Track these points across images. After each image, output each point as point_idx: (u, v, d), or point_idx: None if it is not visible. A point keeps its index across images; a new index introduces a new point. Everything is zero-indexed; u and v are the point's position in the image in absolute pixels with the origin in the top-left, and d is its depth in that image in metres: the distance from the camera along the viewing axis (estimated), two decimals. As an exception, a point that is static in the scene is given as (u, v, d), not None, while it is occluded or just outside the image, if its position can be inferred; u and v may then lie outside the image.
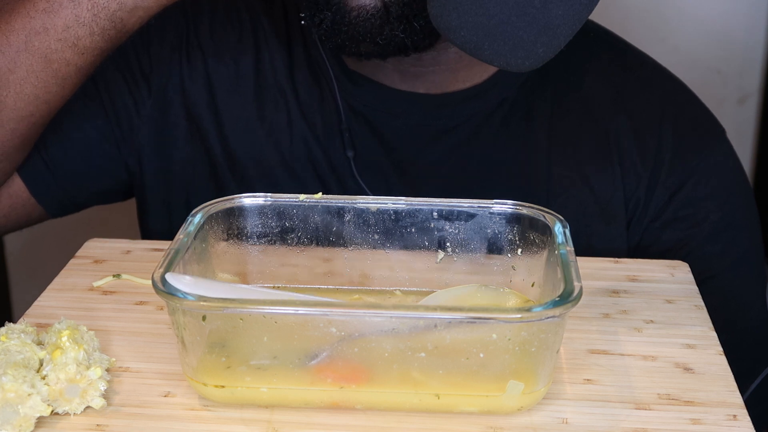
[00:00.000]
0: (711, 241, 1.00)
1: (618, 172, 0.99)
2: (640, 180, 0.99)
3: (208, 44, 1.04)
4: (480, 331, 0.66)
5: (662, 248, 1.00)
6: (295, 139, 1.02)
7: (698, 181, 1.00)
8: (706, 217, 1.00)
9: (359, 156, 1.00)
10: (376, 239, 0.80)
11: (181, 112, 1.03)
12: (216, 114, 1.03)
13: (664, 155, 0.99)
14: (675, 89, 1.05)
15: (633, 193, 0.99)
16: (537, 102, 1.01)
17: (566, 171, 1.00)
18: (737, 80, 1.76)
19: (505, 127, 1.00)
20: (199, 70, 1.04)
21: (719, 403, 0.70)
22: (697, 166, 1.00)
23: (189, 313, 0.67)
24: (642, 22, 1.73)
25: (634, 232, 1.00)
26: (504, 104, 1.00)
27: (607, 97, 1.01)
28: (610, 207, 0.99)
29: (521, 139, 1.00)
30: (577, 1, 0.77)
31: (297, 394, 0.68)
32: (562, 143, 1.00)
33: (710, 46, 1.75)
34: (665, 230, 1.00)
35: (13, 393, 0.64)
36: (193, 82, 1.04)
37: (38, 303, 0.81)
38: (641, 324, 0.79)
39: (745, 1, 1.73)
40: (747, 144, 1.81)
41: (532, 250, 0.77)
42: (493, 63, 0.80)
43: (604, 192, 0.99)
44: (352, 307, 0.72)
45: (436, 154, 1.00)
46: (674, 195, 0.99)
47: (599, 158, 1.00)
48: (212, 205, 0.78)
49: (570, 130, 1.00)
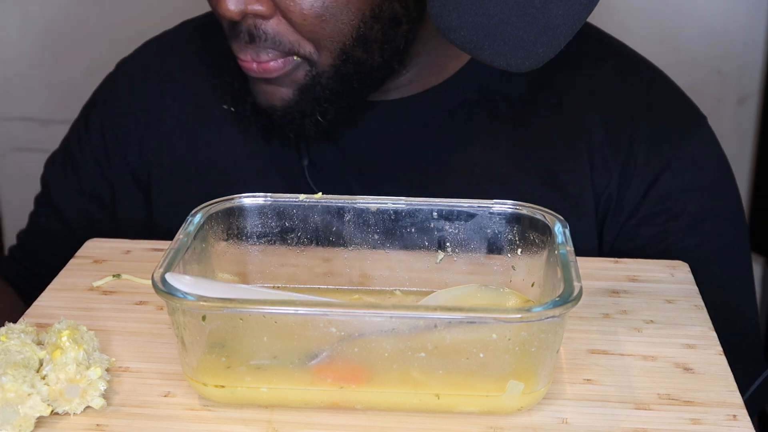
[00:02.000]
0: (690, 233, 0.98)
1: (587, 168, 0.98)
2: (612, 175, 0.97)
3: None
4: (480, 331, 0.66)
5: (641, 243, 0.98)
6: (248, 150, 1.02)
7: (674, 173, 0.98)
8: (683, 210, 0.98)
9: (315, 165, 0.99)
10: (376, 239, 0.79)
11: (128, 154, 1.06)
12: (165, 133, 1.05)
13: (638, 148, 0.98)
14: (650, 78, 1.03)
15: (604, 189, 0.98)
16: (501, 101, 0.99)
17: (531, 169, 0.98)
18: (737, 80, 1.76)
19: (468, 128, 0.99)
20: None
21: (719, 403, 0.70)
22: (673, 157, 0.98)
23: (189, 313, 0.67)
24: (642, 22, 1.73)
25: (610, 230, 0.99)
26: (465, 105, 0.99)
27: (577, 91, 1.00)
28: (580, 204, 0.98)
29: (484, 140, 0.99)
30: (577, 1, 0.77)
31: (297, 394, 0.68)
32: (528, 141, 0.99)
33: (710, 46, 1.74)
34: (642, 226, 0.98)
35: (13, 393, 0.64)
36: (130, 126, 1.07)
37: (38, 303, 0.81)
38: (641, 324, 0.79)
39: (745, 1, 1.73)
40: (747, 144, 1.81)
41: (532, 250, 0.77)
42: (493, 63, 0.80)
43: (573, 189, 0.98)
44: (352, 307, 0.72)
45: (397, 159, 0.99)
46: (650, 189, 0.98)
47: (568, 154, 0.98)
48: (212, 205, 0.78)
49: (537, 127, 0.99)
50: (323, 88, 0.92)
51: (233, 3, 0.86)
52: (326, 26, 0.88)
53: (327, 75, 0.91)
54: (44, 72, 1.82)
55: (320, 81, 0.92)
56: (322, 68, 0.91)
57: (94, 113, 1.08)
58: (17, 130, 1.86)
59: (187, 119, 1.05)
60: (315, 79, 0.91)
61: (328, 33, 0.88)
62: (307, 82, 0.92)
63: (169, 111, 1.05)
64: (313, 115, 0.93)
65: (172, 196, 1.04)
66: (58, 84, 1.82)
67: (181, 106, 1.05)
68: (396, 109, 0.99)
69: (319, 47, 0.90)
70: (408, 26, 0.92)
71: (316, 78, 0.91)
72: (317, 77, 0.91)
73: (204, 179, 1.03)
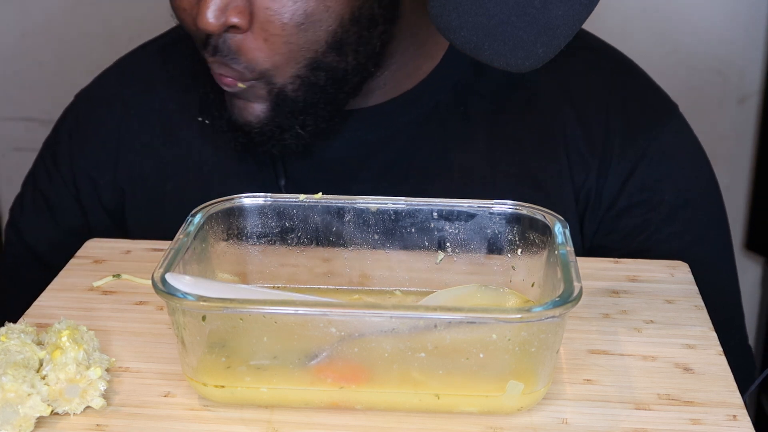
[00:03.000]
0: (669, 222, 0.98)
1: (565, 164, 0.98)
2: (590, 170, 0.98)
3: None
4: (480, 331, 0.66)
5: (621, 235, 0.98)
6: (221, 170, 1.01)
7: (650, 163, 0.98)
8: (661, 199, 0.98)
9: (293, 181, 0.98)
10: (376, 239, 0.79)
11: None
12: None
13: (613, 141, 0.98)
14: (621, 70, 1.03)
15: (583, 184, 0.98)
16: (474, 101, 0.99)
17: (510, 168, 0.98)
18: (737, 80, 1.76)
19: (442, 130, 0.99)
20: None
21: (719, 403, 0.70)
22: (647, 148, 0.98)
23: (189, 313, 0.67)
24: (642, 23, 1.73)
25: (590, 225, 0.99)
26: (439, 107, 0.99)
27: (550, 87, 1.00)
28: (559, 201, 0.97)
29: (459, 141, 0.98)
30: (577, 1, 0.77)
31: (297, 394, 0.68)
32: (504, 140, 0.98)
33: (710, 46, 1.74)
34: (622, 218, 0.98)
35: (13, 393, 0.64)
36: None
37: (38, 303, 0.81)
38: (641, 324, 0.79)
39: (745, 1, 1.73)
40: (747, 144, 1.81)
41: (532, 250, 0.77)
42: (493, 63, 0.80)
43: (552, 185, 0.98)
44: (352, 307, 0.72)
45: (375, 167, 0.98)
46: (627, 180, 0.98)
47: (545, 152, 0.98)
48: (212, 205, 0.78)
49: (512, 125, 0.99)
50: (293, 101, 0.90)
51: (213, 16, 0.85)
52: (303, 35, 0.87)
53: (292, 87, 0.90)
54: (44, 72, 1.82)
55: (284, 97, 0.90)
56: (284, 81, 0.89)
57: (61, 149, 1.06)
58: (17, 130, 1.86)
59: (157, 144, 1.03)
60: (277, 96, 0.90)
61: (302, 42, 0.87)
62: (272, 98, 0.90)
63: (137, 138, 1.04)
64: (292, 129, 0.92)
65: (146, 222, 1.03)
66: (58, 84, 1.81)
67: (149, 131, 1.03)
68: (371, 116, 0.98)
69: (281, 64, 0.88)
70: (384, 27, 0.91)
71: (278, 95, 0.90)
72: (280, 94, 0.90)
73: (178, 203, 1.01)
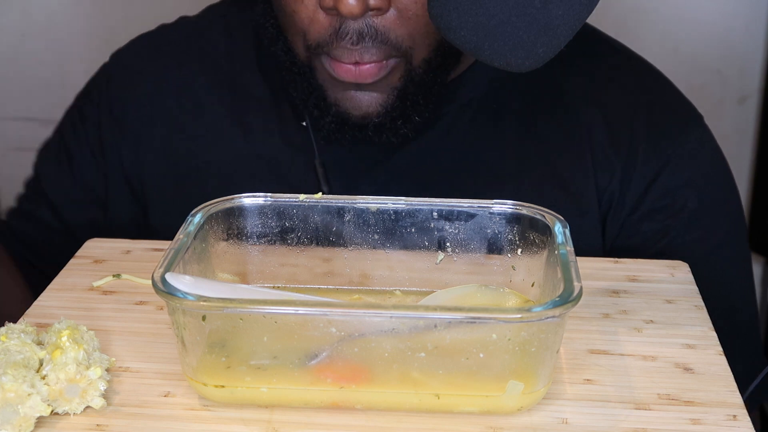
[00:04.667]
0: (690, 229, 0.99)
1: (590, 165, 0.98)
2: (614, 172, 0.98)
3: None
4: (480, 331, 0.66)
5: (642, 239, 0.99)
6: (247, 150, 1.01)
7: (674, 170, 0.99)
8: (684, 206, 0.99)
9: (324, 165, 0.99)
10: (376, 239, 0.79)
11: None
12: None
13: (638, 145, 0.98)
14: (648, 76, 1.04)
15: (607, 186, 0.98)
16: (506, 99, 1.00)
17: (537, 166, 0.99)
18: (737, 80, 1.76)
19: (474, 126, 0.99)
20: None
21: (719, 403, 0.70)
22: (672, 154, 0.99)
23: (189, 313, 0.67)
24: (641, 22, 1.73)
25: (612, 227, 0.99)
26: (472, 103, 1.00)
27: (578, 89, 1.01)
28: (583, 201, 0.98)
29: (489, 138, 0.99)
30: (577, 1, 0.77)
31: (297, 394, 0.68)
32: (533, 139, 0.99)
33: (710, 46, 1.74)
34: (644, 222, 0.99)
35: (13, 393, 0.64)
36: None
37: (38, 303, 0.81)
38: (641, 324, 0.79)
39: (745, 1, 1.73)
40: (747, 144, 1.81)
41: (532, 250, 0.77)
42: (494, 63, 0.80)
43: (577, 186, 0.98)
44: (352, 307, 0.72)
45: (405, 158, 0.99)
46: (650, 185, 0.98)
47: (571, 152, 0.99)
48: (212, 205, 0.78)
49: (541, 124, 0.99)
50: (416, 86, 0.92)
51: (356, 1, 0.85)
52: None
53: (420, 71, 0.91)
54: (44, 72, 1.82)
55: (413, 79, 0.92)
56: (417, 64, 0.91)
57: (90, 105, 1.07)
58: (17, 130, 1.86)
59: (186, 120, 1.04)
60: (409, 79, 0.91)
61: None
62: (401, 84, 0.92)
63: (167, 110, 1.04)
64: (409, 117, 0.93)
65: (169, 197, 1.03)
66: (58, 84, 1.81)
67: (179, 105, 1.04)
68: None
69: (419, 42, 0.90)
70: None
71: (410, 77, 0.91)
72: (412, 76, 0.91)
73: (201, 180, 1.02)
